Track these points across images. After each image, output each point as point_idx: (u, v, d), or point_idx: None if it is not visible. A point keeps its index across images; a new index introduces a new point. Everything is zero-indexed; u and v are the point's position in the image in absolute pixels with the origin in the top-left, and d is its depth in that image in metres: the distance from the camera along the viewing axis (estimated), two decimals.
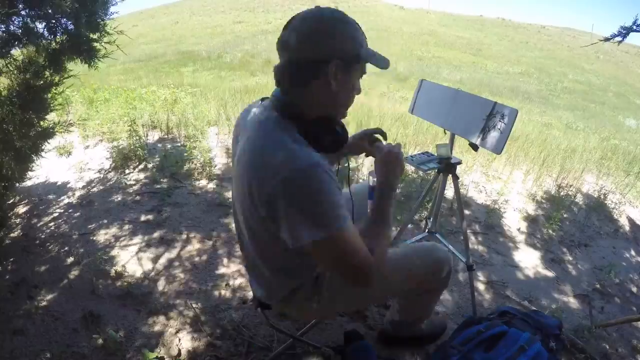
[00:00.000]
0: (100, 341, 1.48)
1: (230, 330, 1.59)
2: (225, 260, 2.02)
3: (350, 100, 0.96)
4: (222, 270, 1.95)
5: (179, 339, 1.55)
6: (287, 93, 0.92)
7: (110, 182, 2.76)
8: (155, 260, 2.00)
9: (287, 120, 0.90)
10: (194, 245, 2.12)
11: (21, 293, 1.73)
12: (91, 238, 2.15)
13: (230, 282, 1.87)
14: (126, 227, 2.26)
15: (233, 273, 1.94)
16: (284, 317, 1.18)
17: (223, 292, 1.81)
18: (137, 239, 2.15)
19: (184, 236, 2.19)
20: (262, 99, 0.99)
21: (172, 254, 2.05)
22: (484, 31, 26.73)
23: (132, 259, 1.99)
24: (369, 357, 1.35)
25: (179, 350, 1.49)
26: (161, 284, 1.84)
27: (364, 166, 3.14)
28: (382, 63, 0.93)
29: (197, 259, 2.02)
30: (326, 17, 0.87)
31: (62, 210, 2.43)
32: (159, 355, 1.45)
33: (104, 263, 1.93)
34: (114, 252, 2.04)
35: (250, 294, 1.75)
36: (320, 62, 0.86)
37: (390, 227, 0.99)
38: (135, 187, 2.67)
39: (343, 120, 1.00)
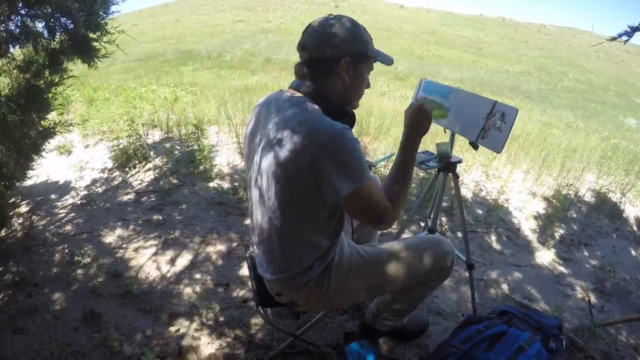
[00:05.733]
0: (100, 340, 1.48)
1: (230, 328, 1.59)
2: (226, 259, 2.02)
3: (361, 91, 1.12)
4: (222, 269, 1.96)
5: (180, 338, 1.55)
6: (310, 83, 1.06)
7: (111, 181, 2.76)
8: (155, 259, 2.00)
9: (314, 101, 1.04)
10: (195, 244, 2.12)
11: (22, 292, 1.73)
12: (92, 237, 2.15)
13: (231, 281, 1.87)
14: (127, 226, 2.26)
15: (234, 272, 1.94)
16: (293, 304, 1.19)
17: (223, 290, 1.81)
18: (138, 238, 2.15)
19: (185, 235, 2.19)
20: (281, 90, 1.13)
21: (173, 253, 2.05)
22: (484, 30, 26.66)
23: (132, 258, 1.99)
24: (369, 356, 1.35)
25: (180, 349, 1.49)
26: (161, 283, 1.84)
27: None
28: (387, 60, 1.10)
29: (198, 258, 2.03)
30: (336, 22, 1.03)
31: (63, 210, 2.43)
32: (159, 355, 1.45)
33: (105, 262, 1.93)
34: (114, 251, 2.04)
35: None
36: (334, 59, 1.02)
37: (409, 176, 1.11)
38: (135, 186, 2.67)
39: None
